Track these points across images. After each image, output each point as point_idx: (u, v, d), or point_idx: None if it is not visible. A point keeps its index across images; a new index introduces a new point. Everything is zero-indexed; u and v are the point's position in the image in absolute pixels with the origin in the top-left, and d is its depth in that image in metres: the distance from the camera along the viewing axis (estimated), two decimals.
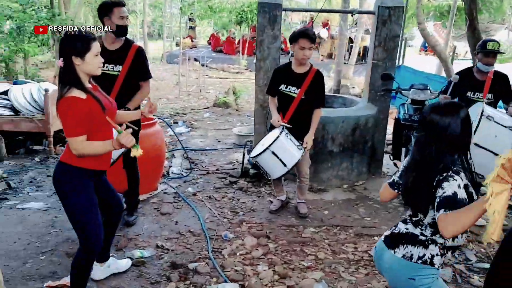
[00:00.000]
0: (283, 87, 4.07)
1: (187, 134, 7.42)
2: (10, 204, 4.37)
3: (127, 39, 3.79)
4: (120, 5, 3.62)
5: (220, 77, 14.73)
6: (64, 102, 2.41)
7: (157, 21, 27.79)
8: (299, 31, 4.02)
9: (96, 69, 2.52)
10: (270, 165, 3.96)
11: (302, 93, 4.01)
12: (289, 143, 3.93)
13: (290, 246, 3.78)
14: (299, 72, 4.04)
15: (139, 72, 3.76)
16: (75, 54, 2.43)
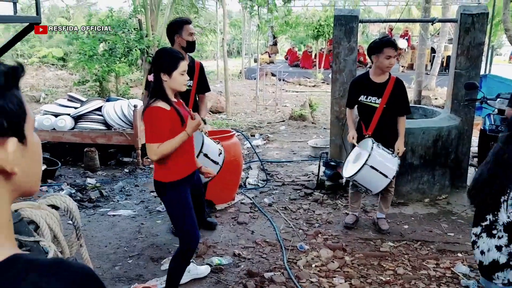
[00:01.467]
0: (363, 97, 4.02)
1: (263, 147, 7.56)
2: (102, 211, 4.75)
3: (191, 57, 4.16)
4: (189, 22, 3.94)
5: (296, 91, 14.83)
6: (149, 111, 2.66)
7: (237, 38, 28.67)
8: (381, 40, 3.96)
9: (181, 86, 2.75)
10: (370, 180, 3.81)
11: (384, 102, 3.93)
12: (383, 153, 3.82)
13: (367, 259, 3.70)
14: (378, 82, 3.98)
15: (202, 86, 4.15)
16: (163, 71, 2.67)
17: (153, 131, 2.65)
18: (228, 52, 27.61)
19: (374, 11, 30.27)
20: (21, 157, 0.71)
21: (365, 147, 3.87)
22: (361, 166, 3.73)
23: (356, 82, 4.16)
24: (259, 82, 12.26)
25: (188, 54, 4.02)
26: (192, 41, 3.91)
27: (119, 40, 8.87)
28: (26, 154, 0.72)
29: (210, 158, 3.66)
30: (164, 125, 2.65)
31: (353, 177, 3.85)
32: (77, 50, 10.48)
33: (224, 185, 4.63)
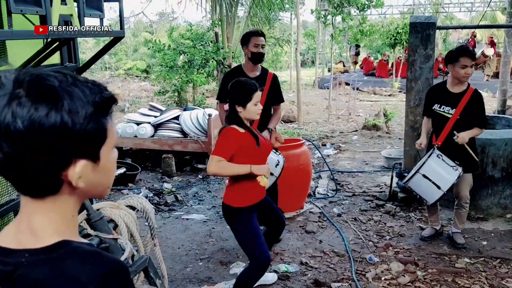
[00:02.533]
0: (437, 106, 3.89)
1: (334, 156, 7.49)
2: (177, 215, 4.99)
3: (263, 68, 4.16)
4: (257, 34, 3.98)
5: (371, 100, 14.52)
6: (224, 130, 2.81)
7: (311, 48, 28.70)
8: (457, 49, 3.84)
9: (254, 115, 2.85)
10: (423, 189, 3.80)
11: (458, 113, 3.77)
12: (442, 164, 3.71)
13: (440, 275, 3.54)
14: (455, 92, 3.83)
15: (275, 97, 4.10)
16: (238, 103, 2.78)
17: (220, 145, 2.76)
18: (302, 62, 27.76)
19: (457, 17, 28.85)
20: (91, 173, 0.81)
21: (427, 156, 3.83)
22: (414, 172, 3.76)
23: (432, 90, 4.06)
24: (332, 92, 12.18)
25: (260, 65, 4.11)
26: (257, 52, 3.93)
27: (197, 52, 9.29)
28: (97, 170, 0.82)
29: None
30: (232, 144, 2.75)
31: (407, 183, 3.87)
32: (159, 63, 11.13)
33: (293, 193, 4.66)
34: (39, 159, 0.74)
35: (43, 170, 0.75)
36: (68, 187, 0.80)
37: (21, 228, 0.80)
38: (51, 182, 0.78)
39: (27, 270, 0.76)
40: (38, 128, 0.72)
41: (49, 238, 0.79)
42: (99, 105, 0.78)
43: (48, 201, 0.80)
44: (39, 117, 0.72)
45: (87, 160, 0.79)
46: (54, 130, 0.73)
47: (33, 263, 0.77)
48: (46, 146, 0.73)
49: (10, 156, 0.73)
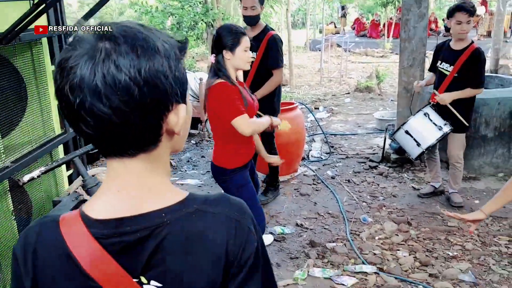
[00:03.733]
0: (439, 63, 3.91)
1: (327, 119, 7.48)
2: (172, 180, 4.98)
3: (266, 28, 3.91)
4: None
5: (363, 62, 14.39)
6: (213, 89, 2.54)
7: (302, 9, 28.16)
8: (455, 4, 3.79)
9: (244, 64, 2.62)
10: (406, 144, 3.96)
11: (455, 71, 3.74)
12: (426, 122, 3.78)
13: (433, 234, 3.61)
14: (455, 49, 3.79)
15: (272, 59, 3.84)
16: (225, 48, 2.55)
17: (231, 105, 2.49)
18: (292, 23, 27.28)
19: None
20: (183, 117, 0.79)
21: None
22: (398, 128, 3.93)
23: (437, 46, 4.07)
24: (324, 54, 12.03)
25: (266, 25, 3.94)
26: (245, 15, 3.78)
27: (186, 14, 9.05)
28: (186, 117, 0.81)
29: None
30: (237, 97, 2.53)
31: (392, 136, 4.13)
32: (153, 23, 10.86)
33: (287, 157, 4.65)
34: (146, 108, 0.71)
35: (149, 119, 0.73)
36: (166, 138, 0.78)
37: (132, 194, 0.76)
38: (154, 132, 0.75)
39: (174, 227, 0.75)
40: (144, 75, 0.70)
41: (175, 193, 0.79)
42: (180, 47, 0.78)
43: (150, 157, 0.77)
44: (144, 65, 0.70)
45: (183, 103, 0.78)
46: (159, 75, 0.71)
47: (179, 219, 0.75)
48: (152, 93, 0.71)
49: (119, 109, 0.69)
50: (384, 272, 3.10)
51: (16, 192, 2.16)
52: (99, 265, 0.73)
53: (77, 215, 0.77)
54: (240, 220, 0.79)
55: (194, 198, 0.79)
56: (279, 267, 3.23)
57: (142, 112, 0.71)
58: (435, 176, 4.24)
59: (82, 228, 0.75)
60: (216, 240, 0.76)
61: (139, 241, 0.74)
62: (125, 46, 0.70)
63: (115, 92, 0.68)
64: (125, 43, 0.70)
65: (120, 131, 0.72)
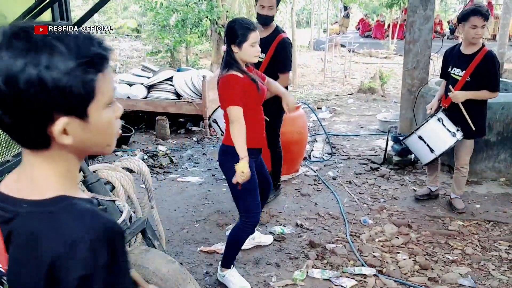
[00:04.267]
0: (450, 68, 3.84)
1: (329, 120, 7.47)
2: (172, 177, 4.98)
3: (277, 30, 3.83)
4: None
5: (367, 63, 14.36)
6: (224, 79, 2.68)
7: (306, 9, 28.10)
8: (470, 8, 3.72)
9: (251, 58, 2.70)
10: (418, 149, 3.88)
11: (467, 75, 3.66)
12: (440, 128, 3.69)
13: (433, 237, 3.60)
14: (466, 53, 3.72)
15: (279, 63, 3.78)
16: (234, 43, 2.66)
17: (231, 95, 2.64)
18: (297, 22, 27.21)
19: None
20: (80, 131, 0.79)
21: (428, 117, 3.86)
22: (411, 133, 3.85)
23: (446, 52, 3.98)
24: (328, 54, 12.00)
25: (274, 26, 3.86)
26: (262, 14, 3.72)
27: (191, 10, 9.03)
28: (88, 129, 0.80)
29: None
30: (241, 91, 2.65)
31: (403, 141, 4.02)
32: (150, 21, 10.82)
33: (288, 157, 4.65)
34: (21, 115, 0.73)
35: (27, 126, 0.75)
36: (58, 143, 0.79)
37: (21, 177, 0.83)
38: (38, 138, 0.78)
39: (24, 220, 0.78)
40: (14, 82, 0.70)
41: (48, 191, 0.81)
42: (83, 61, 0.75)
43: (44, 154, 0.81)
44: (16, 71, 0.71)
45: (71, 117, 0.77)
46: (31, 85, 0.71)
47: (31, 214, 0.78)
48: (25, 101, 0.72)
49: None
50: (383, 275, 3.09)
51: None
52: None
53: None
54: (79, 241, 0.75)
55: (61, 201, 0.80)
56: (278, 267, 3.23)
57: (14, 116, 0.74)
58: (434, 180, 4.22)
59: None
60: (44, 248, 0.76)
61: (7, 220, 0.80)
62: (9, 50, 0.71)
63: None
64: (10, 47, 0.71)
65: (4, 129, 0.77)
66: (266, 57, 3.78)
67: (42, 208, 0.79)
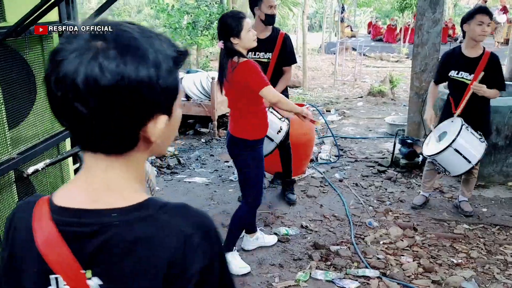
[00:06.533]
0: (454, 73, 3.75)
1: (338, 122, 7.45)
2: (179, 177, 5.02)
3: (275, 28, 4.00)
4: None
5: (377, 66, 14.30)
6: (243, 65, 2.76)
7: (319, 12, 28.11)
8: (475, 7, 3.76)
9: (252, 42, 2.83)
10: (452, 162, 3.62)
11: (476, 79, 3.62)
12: (471, 137, 3.57)
13: (438, 240, 3.58)
14: (471, 56, 3.69)
15: (285, 58, 3.97)
16: (232, 36, 2.75)
17: (260, 77, 2.76)
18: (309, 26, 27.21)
19: None
20: (165, 128, 0.80)
21: (453, 127, 3.65)
22: (445, 147, 3.52)
23: (447, 55, 3.88)
24: (338, 57, 11.99)
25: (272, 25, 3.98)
26: (271, 14, 3.83)
27: (202, 13, 9.10)
28: (169, 125, 0.81)
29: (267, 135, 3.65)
30: (262, 73, 2.78)
31: (433, 157, 3.68)
32: (163, 24, 10.92)
33: (295, 158, 4.65)
34: (125, 114, 0.72)
35: (126, 125, 0.74)
36: (143, 143, 0.79)
37: (94, 187, 0.78)
38: (130, 138, 0.76)
39: (121, 229, 0.74)
40: (127, 82, 0.70)
41: (133, 196, 0.78)
42: (175, 58, 0.77)
43: (124, 157, 0.78)
44: (129, 71, 0.70)
45: (166, 115, 0.78)
46: (143, 84, 0.71)
47: (128, 222, 0.75)
48: (133, 101, 0.71)
49: (96, 111, 0.70)
50: (386, 277, 3.09)
51: (21, 183, 2.20)
52: (52, 248, 0.75)
53: (47, 199, 0.80)
54: (192, 235, 0.76)
55: (152, 204, 0.78)
56: (281, 268, 3.24)
57: (120, 117, 0.72)
58: (430, 187, 4.19)
59: (46, 211, 0.78)
60: (160, 250, 0.74)
61: (88, 235, 0.74)
62: (114, 50, 0.70)
63: (94, 94, 0.69)
64: (115, 47, 0.70)
65: (96, 131, 0.73)
66: (273, 55, 3.92)
67: (139, 214, 0.76)
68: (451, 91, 3.88)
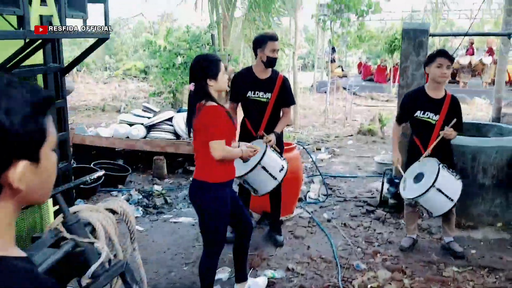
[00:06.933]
0: (420, 113, 3.84)
1: (328, 161, 7.46)
2: (165, 217, 4.95)
3: (274, 70, 4.11)
4: (274, 39, 3.92)
5: (368, 105, 14.49)
6: (209, 110, 2.73)
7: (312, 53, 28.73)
8: (435, 51, 3.89)
9: (225, 85, 2.88)
10: (434, 203, 3.64)
11: (442, 119, 3.75)
12: (449, 176, 3.63)
13: (427, 284, 3.51)
14: (436, 98, 3.81)
15: (284, 99, 4.06)
16: (210, 77, 2.77)
17: (219, 129, 2.73)
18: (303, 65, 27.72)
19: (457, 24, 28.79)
20: (31, 175, 0.79)
21: (429, 167, 3.68)
22: (428, 188, 3.53)
23: (411, 96, 3.98)
24: (329, 96, 12.15)
25: None
26: (273, 57, 3.91)
27: (194, 54, 9.26)
28: (38, 172, 0.81)
29: (269, 172, 3.65)
30: (225, 124, 2.76)
31: (416, 199, 3.67)
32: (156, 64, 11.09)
33: (283, 198, 4.62)
34: None
35: None
36: (8, 191, 0.78)
37: None
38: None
39: None
40: None
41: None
42: (36, 105, 0.78)
43: None
44: None
45: (27, 161, 0.78)
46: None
47: None
48: None
49: None
50: None
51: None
52: None
53: None
54: None
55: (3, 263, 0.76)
56: None
57: None
58: (415, 229, 4.16)
59: None
60: None
61: None
62: None
63: None
64: None
65: None
66: (272, 96, 4.00)
67: None
68: (415, 131, 3.94)
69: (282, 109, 4.11)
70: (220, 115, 2.74)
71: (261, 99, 4.00)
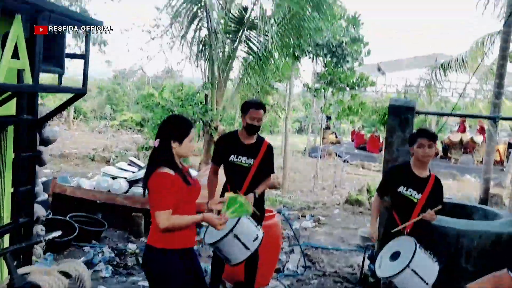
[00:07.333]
0: (403, 189, 3.74)
1: (311, 230, 7.28)
2: (134, 280, 4.71)
3: (259, 136, 4.09)
4: (256, 107, 3.90)
5: (358, 174, 14.49)
6: (155, 177, 2.59)
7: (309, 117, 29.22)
8: (416, 130, 3.90)
9: (189, 153, 2.75)
10: (409, 285, 3.46)
11: (424, 198, 3.66)
12: (425, 256, 3.48)
13: None
14: (420, 176, 3.75)
15: (266, 167, 4.02)
16: (174, 139, 2.64)
17: (161, 198, 2.56)
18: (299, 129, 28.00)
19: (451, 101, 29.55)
20: None
21: (406, 246, 3.55)
22: (403, 268, 3.37)
23: (396, 170, 3.94)
24: (321, 162, 12.16)
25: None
26: (251, 124, 3.87)
27: (186, 111, 9.33)
28: None
29: (241, 241, 3.46)
30: (172, 191, 2.58)
31: (391, 278, 3.50)
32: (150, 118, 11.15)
33: (259, 267, 4.43)
34: None
35: None
36: None
37: None
38: None
39: None
40: None
41: None
42: None
43: None
44: None
45: None
46: None
47: None
48: None
49: None
50: None
51: None
52: None
53: None
54: None
55: None
56: None
57: None
58: None
59: None
60: None
61: None
62: None
63: None
64: None
65: None
66: (255, 162, 3.94)
67: None
68: (395, 206, 3.84)
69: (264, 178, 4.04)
70: (165, 184, 2.58)
71: (244, 164, 3.94)
